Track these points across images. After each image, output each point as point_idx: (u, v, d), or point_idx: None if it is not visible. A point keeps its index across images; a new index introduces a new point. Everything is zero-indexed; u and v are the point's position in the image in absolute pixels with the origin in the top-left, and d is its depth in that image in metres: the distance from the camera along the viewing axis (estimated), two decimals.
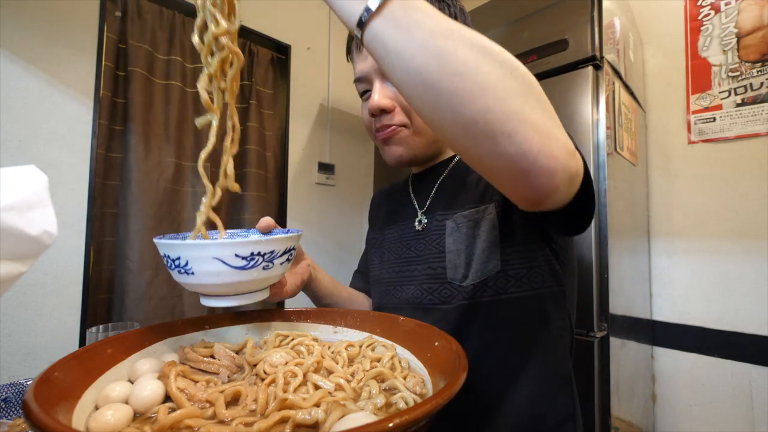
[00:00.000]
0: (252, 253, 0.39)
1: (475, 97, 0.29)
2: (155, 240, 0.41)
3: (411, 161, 0.62)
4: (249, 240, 0.39)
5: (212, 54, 0.40)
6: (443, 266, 0.57)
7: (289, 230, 0.50)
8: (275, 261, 0.42)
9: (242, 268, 0.39)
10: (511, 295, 0.53)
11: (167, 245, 0.39)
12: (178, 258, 0.38)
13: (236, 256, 0.38)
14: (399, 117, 0.58)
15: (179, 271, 0.39)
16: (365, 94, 0.61)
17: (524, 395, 0.52)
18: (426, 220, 0.62)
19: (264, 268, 0.41)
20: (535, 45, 1.24)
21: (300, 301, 0.65)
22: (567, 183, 0.34)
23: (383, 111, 0.57)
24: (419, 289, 0.59)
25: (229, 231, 0.52)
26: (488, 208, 0.55)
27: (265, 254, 0.41)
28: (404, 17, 0.30)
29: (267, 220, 0.51)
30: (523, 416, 0.52)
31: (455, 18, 0.55)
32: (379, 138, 0.60)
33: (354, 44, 0.60)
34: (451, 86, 0.30)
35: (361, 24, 0.31)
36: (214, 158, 0.43)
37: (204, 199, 0.44)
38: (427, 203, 0.63)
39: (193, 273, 0.38)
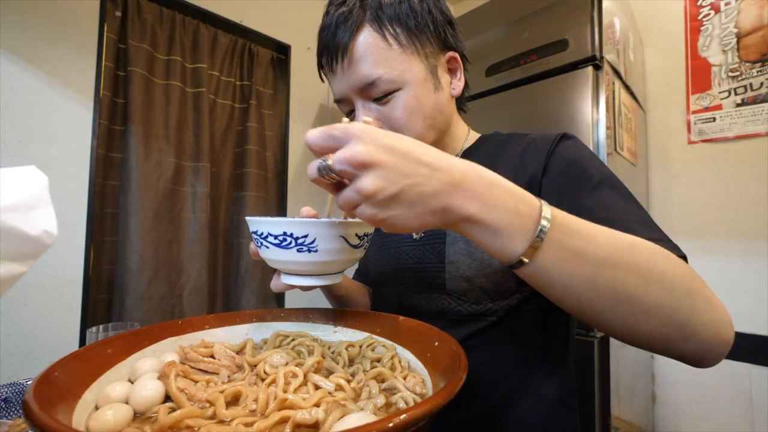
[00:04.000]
0: (364, 234, 0.43)
1: (650, 316, 0.32)
2: (258, 219, 0.41)
3: None
4: (361, 222, 0.40)
5: None
6: (442, 276, 0.55)
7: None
8: (368, 242, 0.46)
9: (356, 246, 0.42)
10: (516, 310, 0.51)
11: (296, 223, 0.39)
12: (306, 236, 0.39)
13: (356, 235, 0.42)
14: None
15: (299, 249, 0.40)
16: (350, 114, 0.57)
17: (527, 408, 0.51)
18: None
19: (364, 248, 0.45)
20: (535, 45, 1.24)
21: (300, 301, 0.65)
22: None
23: None
24: (417, 297, 0.58)
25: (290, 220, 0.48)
26: None
27: (369, 235, 0.44)
28: (571, 245, 0.31)
29: (310, 210, 0.50)
30: (526, 429, 0.51)
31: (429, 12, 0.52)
32: None
33: (326, 61, 0.53)
34: (624, 311, 0.32)
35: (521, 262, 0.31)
36: (214, 158, 0.43)
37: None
38: None
39: (316, 250, 0.40)
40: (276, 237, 0.40)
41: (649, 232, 0.39)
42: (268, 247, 0.41)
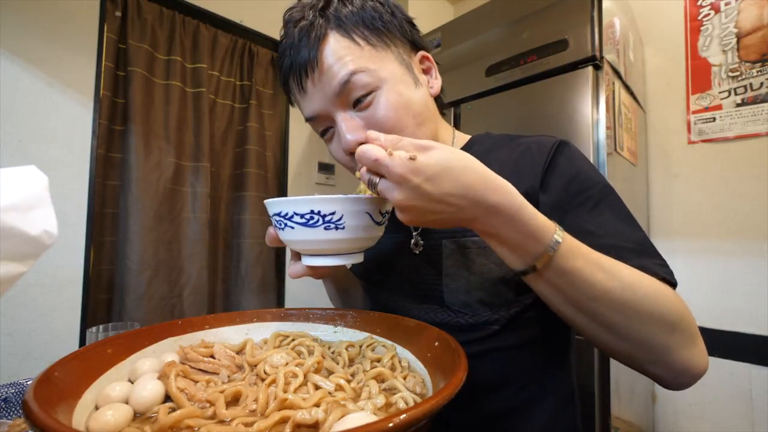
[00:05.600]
0: (386, 211, 0.43)
1: (625, 342, 0.39)
2: (285, 199, 0.40)
3: None
4: (384, 198, 0.40)
5: None
6: (440, 289, 0.53)
7: None
8: (387, 221, 0.45)
9: (379, 224, 0.42)
10: (517, 319, 0.50)
11: (323, 201, 0.39)
12: (333, 213, 0.39)
13: (380, 212, 0.41)
14: None
15: (326, 227, 0.39)
16: (326, 133, 0.53)
17: (529, 411, 0.51)
18: (422, 242, 0.56)
19: (384, 227, 0.44)
20: (535, 45, 1.24)
21: (300, 301, 0.65)
22: None
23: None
24: (415, 307, 0.56)
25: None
26: None
27: (389, 213, 0.44)
28: (568, 279, 0.37)
29: None
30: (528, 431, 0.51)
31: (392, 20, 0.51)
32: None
33: (295, 82, 0.50)
34: (604, 335, 0.39)
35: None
36: (214, 158, 0.43)
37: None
38: None
39: (343, 227, 0.39)
40: (302, 216, 0.39)
41: (646, 258, 0.43)
42: (293, 228, 0.40)
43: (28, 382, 0.60)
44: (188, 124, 1.61)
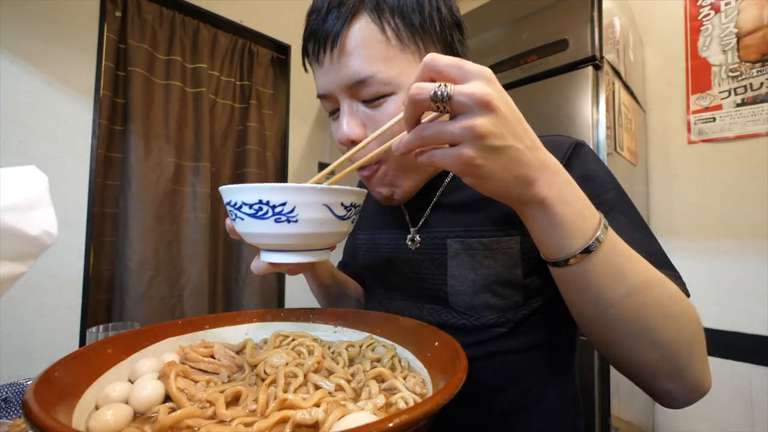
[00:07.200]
0: (351, 204, 0.38)
1: (654, 348, 0.36)
2: (234, 186, 0.36)
3: (403, 199, 0.52)
4: (351, 189, 0.37)
5: None
6: (444, 290, 0.51)
7: None
8: (356, 216, 0.41)
9: (341, 218, 0.37)
10: (524, 323, 0.49)
11: (270, 189, 0.34)
12: (283, 204, 0.34)
13: (341, 204, 0.37)
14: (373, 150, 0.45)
15: (277, 219, 0.35)
16: (334, 113, 0.51)
17: (532, 414, 0.50)
18: (420, 238, 0.54)
19: (352, 221, 0.40)
20: (535, 45, 1.24)
21: (301, 301, 0.65)
22: None
23: (353, 143, 0.47)
24: (419, 308, 0.55)
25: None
26: (511, 241, 0.48)
27: (357, 206, 0.40)
28: (615, 262, 0.33)
29: None
30: None
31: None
32: (360, 175, 0.51)
33: (312, 50, 0.47)
34: (636, 336, 0.35)
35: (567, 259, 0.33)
36: (214, 158, 0.43)
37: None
38: (422, 219, 0.55)
39: (297, 221, 0.35)
40: (251, 206, 0.35)
41: (663, 269, 0.40)
42: (243, 219, 0.36)
43: (28, 382, 0.60)
44: (188, 124, 1.61)
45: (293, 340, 0.44)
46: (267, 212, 0.35)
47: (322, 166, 2.11)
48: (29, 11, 1.27)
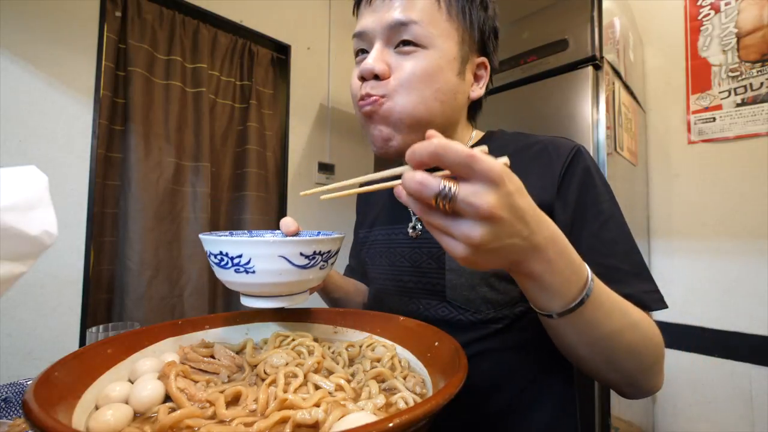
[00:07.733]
0: (314, 252, 0.39)
1: (617, 372, 0.42)
2: (203, 236, 0.39)
3: (400, 150, 0.50)
4: (312, 239, 0.39)
5: None
6: (442, 284, 0.52)
7: (320, 233, 0.48)
8: (329, 261, 0.42)
9: (304, 267, 0.39)
10: (521, 319, 0.50)
11: (228, 242, 0.36)
12: (240, 256, 0.36)
13: (301, 254, 0.38)
14: (392, 88, 0.48)
15: (236, 270, 0.37)
16: (360, 55, 0.53)
17: (529, 413, 0.51)
18: (420, 227, 0.56)
19: (321, 268, 0.41)
20: (535, 45, 1.24)
21: None
22: None
23: (376, 77, 0.48)
24: (416, 303, 0.55)
25: (255, 232, 0.52)
26: None
27: (323, 253, 0.40)
28: (594, 316, 0.36)
29: (291, 223, 0.48)
30: None
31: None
32: (362, 110, 0.50)
33: None
34: (603, 365, 0.41)
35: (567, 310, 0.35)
36: (214, 158, 0.43)
37: None
38: None
39: (254, 272, 0.37)
40: (216, 256, 0.38)
41: (645, 283, 0.46)
42: (213, 266, 0.39)
43: (28, 382, 0.60)
44: (188, 123, 1.61)
45: (293, 340, 0.44)
46: (227, 263, 0.37)
47: (322, 165, 2.11)
48: (29, 11, 1.27)
